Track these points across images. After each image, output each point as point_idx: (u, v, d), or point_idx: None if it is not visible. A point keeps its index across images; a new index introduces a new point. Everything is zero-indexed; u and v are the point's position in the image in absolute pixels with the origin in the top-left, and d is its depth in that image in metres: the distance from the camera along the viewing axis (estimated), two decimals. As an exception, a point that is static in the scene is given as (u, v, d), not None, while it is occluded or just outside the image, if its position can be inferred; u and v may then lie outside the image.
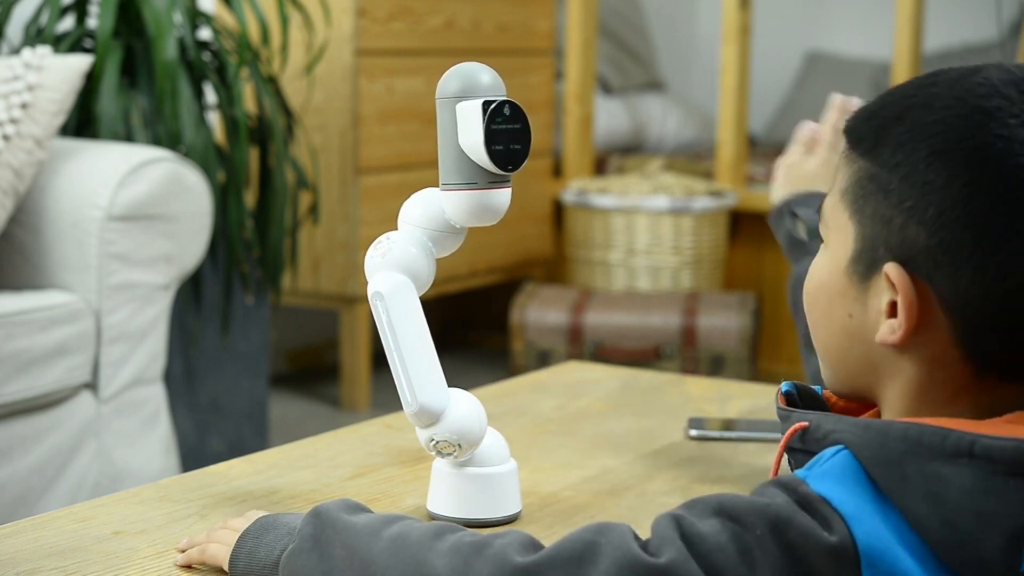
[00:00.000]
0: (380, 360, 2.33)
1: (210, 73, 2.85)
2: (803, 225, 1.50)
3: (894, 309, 0.97)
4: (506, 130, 1.19)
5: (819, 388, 1.08)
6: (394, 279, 1.23)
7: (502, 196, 1.22)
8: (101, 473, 2.41)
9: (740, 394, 1.80)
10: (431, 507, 1.29)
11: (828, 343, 1.04)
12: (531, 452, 1.49)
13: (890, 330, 0.97)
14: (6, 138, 2.36)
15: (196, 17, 2.87)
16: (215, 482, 1.37)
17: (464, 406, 1.24)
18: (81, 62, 2.49)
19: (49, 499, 2.33)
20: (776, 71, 5.26)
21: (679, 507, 0.94)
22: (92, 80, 2.68)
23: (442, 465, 1.28)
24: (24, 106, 2.39)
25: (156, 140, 2.71)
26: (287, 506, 1.31)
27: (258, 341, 2.98)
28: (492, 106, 1.19)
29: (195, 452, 2.80)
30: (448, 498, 1.27)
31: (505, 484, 1.28)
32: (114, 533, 1.22)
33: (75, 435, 2.37)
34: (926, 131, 0.95)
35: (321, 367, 4.15)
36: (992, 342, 0.95)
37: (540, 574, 0.91)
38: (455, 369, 2.80)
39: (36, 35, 2.82)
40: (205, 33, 3.07)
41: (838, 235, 1.01)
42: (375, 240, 1.26)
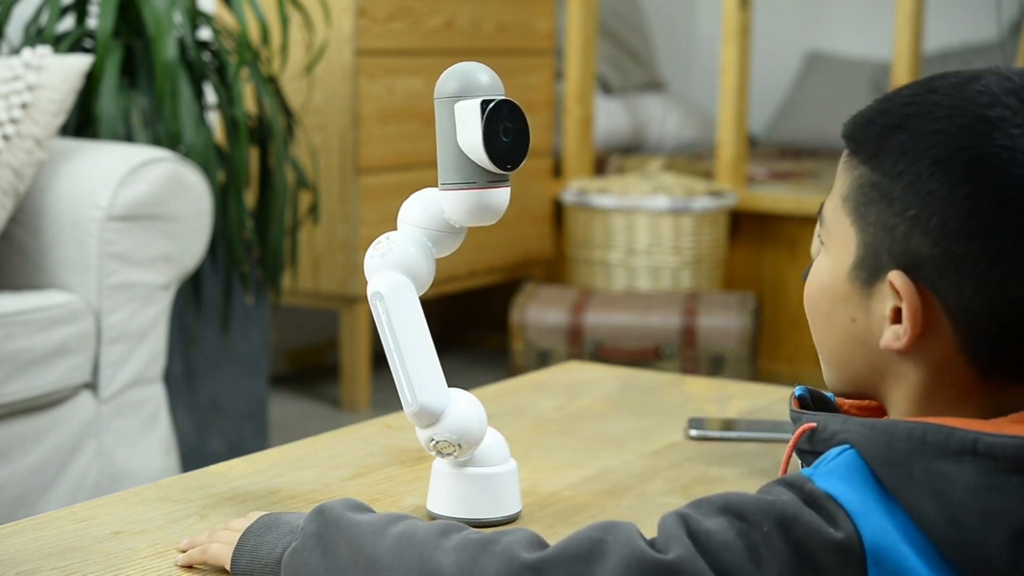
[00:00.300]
0: (380, 360, 2.33)
1: (210, 73, 2.85)
2: None
3: (898, 315, 0.97)
4: (504, 129, 1.19)
5: (831, 395, 1.08)
6: (394, 279, 1.23)
7: (501, 195, 1.22)
8: (101, 473, 2.41)
9: (740, 394, 1.80)
10: (431, 507, 1.29)
11: (831, 346, 1.04)
12: (531, 452, 1.49)
13: (895, 336, 0.97)
14: (6, 138, 2.36)
15: (196, 17, 2.87)
16: (215, 482, 1.37)
17: (464, 406, 1.24)
18: (81, 62, 2.49)
19: (49, 499, 2.33)
20: (776, 71, 5.25)
21: (685, 506, 0.94)
22: (92, 80, 2.68)
23: (442, 465, 1.28)
24: (24, 106, 2.39)
25: (156, 140, 2.71)
26: (287, 506, 1.31)
27: (258, 341, 2.98)
28: (490, 105, 1.19)
29: (195, 452, 2.80)
30: (448, 498, 1.27)
31: (505, 484, 1.27)
32: (114, 533, 1.22)
33: (75, 435, 2.37)
34: (928, 140, 0.95)
35: (321, 367, 4.15)
36: (997, 348, 0.95)
37: (547, 571, 0.91)
38: (455, 369, 2.80)
39: (36, 35, 2.81)
40: (205, 33, 3.07)
41: (839, 240, 1.01)
42: (375, 240, 1.26)
